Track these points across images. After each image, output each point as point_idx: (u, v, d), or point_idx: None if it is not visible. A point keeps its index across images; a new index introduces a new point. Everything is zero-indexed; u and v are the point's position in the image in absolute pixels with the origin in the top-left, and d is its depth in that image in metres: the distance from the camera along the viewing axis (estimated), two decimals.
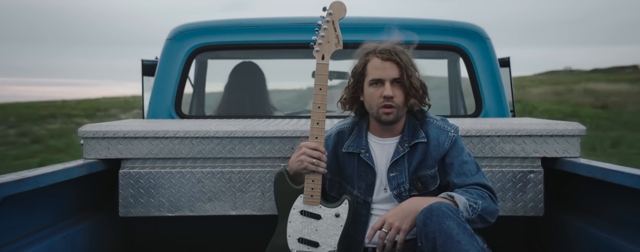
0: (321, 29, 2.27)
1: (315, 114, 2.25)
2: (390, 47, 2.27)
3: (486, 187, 2.26)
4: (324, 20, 2.27)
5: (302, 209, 2.28)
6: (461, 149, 2.32)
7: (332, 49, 2.28)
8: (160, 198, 2.63)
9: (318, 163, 2.23)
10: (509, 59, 4.04)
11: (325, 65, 2.26)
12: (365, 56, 2.29)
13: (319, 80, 2.26)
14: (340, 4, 2.26)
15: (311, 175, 2.25)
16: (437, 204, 2.03)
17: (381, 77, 2.23)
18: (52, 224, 2.43)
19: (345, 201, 2.27)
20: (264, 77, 4.02)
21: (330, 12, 2.26)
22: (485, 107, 3.39)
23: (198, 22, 3.54)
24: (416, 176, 2.30)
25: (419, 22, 3.51)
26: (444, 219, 1.97)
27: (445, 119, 2.38)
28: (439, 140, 2.30)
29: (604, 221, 2.48)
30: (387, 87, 2.22)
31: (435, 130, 2.32)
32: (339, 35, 2.27)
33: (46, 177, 2.22)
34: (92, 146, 2.62)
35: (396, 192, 2.29)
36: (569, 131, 2.62)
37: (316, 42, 2.28)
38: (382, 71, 2.23)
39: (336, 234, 2.26)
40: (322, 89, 2.25)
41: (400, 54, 2.25)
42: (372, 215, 2.35)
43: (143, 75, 4.03)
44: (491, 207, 2.20)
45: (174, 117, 3.37)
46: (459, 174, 2.27)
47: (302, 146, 2.25)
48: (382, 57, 2.24)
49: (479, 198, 2.18)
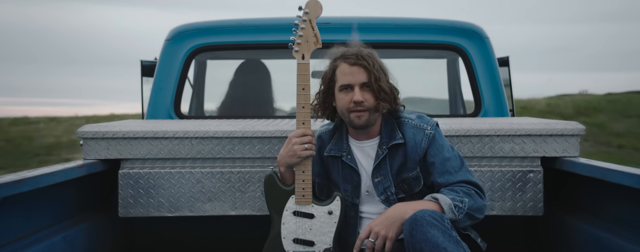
0: (299, 28, 2.27)
1: (300, 114, 2.26)
2: (357, 51, 2.26)
3: (471, 183, 2.23)
4: (300, 19, 2.27)
5: (295, 209, 2.28)
6: (441, 145, 2.28)
7: (311, 48, 2.28)
8: (159, 198, 2.62)
9: (310, 147, 2.24)
10: (508, 58, 4.04)
11: (306, 64, 2.27)
12: (333, 62, 2.28)
13: (300, 80, 2.26)
14: (315, 2, 2.27)
15: (301, 175, 2.26)
16: (421, 213, 2.02)
17: (350, 82, 2.22)
18: (51, 225, 2.43)
19: (336, 198, 2.28)
20: (270, 76, 4.01)
21: (306, 11, 2.26)
22: (484, 107, 3.39)
23: (197, 22, 3.54)
24: (400, 179, 2.29)
25: (418, 22, 3.51)
26: (428, 229, 1.96)
27: (421, 116, 2.35)
28: (415, 140, 2.27)
29: (603, 221, 2.48)
30: (356, 91, 2.21)
31: (411, 130, 2.29)
32: (317, 34, 2.28)
33: (45, 178, 2.22)
34: (92, 146, 2.62)
35: (384, 197, 2.29)
36: (569, 130, 2.62)
37: (295, 42, 2.28)
38: (350, 76, 2.22)
39: (331, 231, 2.27)
40: (304, 89, 2.26)
41: (367, 58, 2.23)
42: (360, 217, 2.35)
43: (142, 76, 4.03)
44: (478, 204, 2.18)
45: (173, 117, 3.37)
46: (442, 172, 2.24)
47: (290, 137, 2.26)
48: (349, 62, 2.23)
49: (465, 196, 2.16)
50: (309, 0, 2.27)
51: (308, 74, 2.26)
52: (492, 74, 3.42)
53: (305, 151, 2.23)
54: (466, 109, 4.09)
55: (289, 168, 2.29)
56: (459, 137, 2.62)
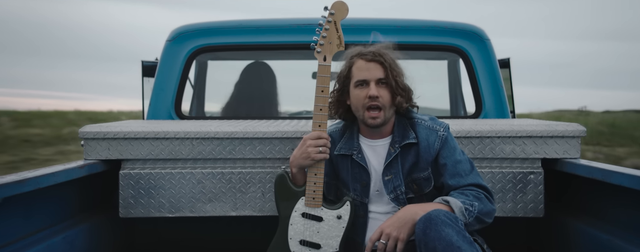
0: (322, 29, 2.25)
1: (317, 116, 2.24)
2: (374, 48, 2.27)
3: (481, 187, 2.25)
4: (325, 20, 2.25)
5: (304, 211, 2.28)
6: (453, 148, 2.30)
7: (333, 50, 2.26)
8: (160, 199, 2.62)
9: (325, 150, 2.23)
10: (509, 60, 4.04)
11: (328, 66, 2.25)
12: (350, 59, 2.28)
13: (320, 82, 2.24)
14: (342, 3, 2.24)
15: (312, 177, 2.25)
16: (436, 212, 2.02)
17: (366, 78, 2.23)
18: (52, 225, 2.43)
19: (346, 203, 2.27)
20: (275, 78, 4.02)
21: (332, 12, 2.24)
22: (485, 108, 3.39)
23: (198, 23, 3.54)
24: (411, 178, 2.29)
25: (419, 23, 3.51)
26: (443, 227, 1.96)
27: (434, 118, 2.36)
28: (428, 141, 2.28)
29: (604, 222, 2.48)
30: (372, 87, 2.21)
31: (424, 131, 2.30)
32: (341, 36, 2.25)
33: (46, 178, 2.22)
34: (93, 146, 2.62)
35: (393, 196, 2.29)
36: (569, 132, 2.62)
37: (317, 43, 2.25)
38: (366, 72, 2.23)
39: (338, 235, 2.26)
40: (324, 91, 2.24)
41: (384, 54, 2.24)
42: (369, 218, 2.34)
43: (143, 77, 4.03)
44: (487, 208, 2.20)
45: (174, 118, 3.37)
46: (453, 174, 2.25)
47: (305, 139, 2.25)
48: (366, 59, 2.24)
49: (475, 200, 2.17)
50: (335, 1, 2.24)
51: (328, 76, 2.24)
52: (493, 75, 3.42)
53: (319, 154, 2.23)
54: (467, 110, 4.08)
55: (301, 169, 2.29)
56: (459, 138, 2.61)
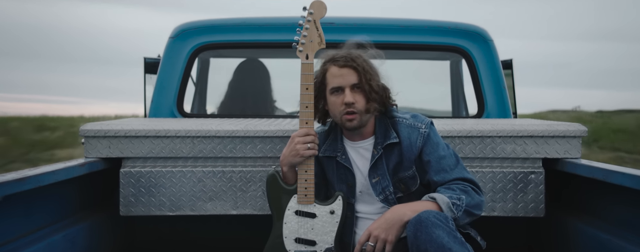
0: (303, 28, 2.28)
1: (303, 113, 2.26)
2: (346, 53, 2.27)
3: (467, 180, 2.23)
4: (305, 20, 2.28)
5: (297, 209, 2.29)
6: (436, 143, 2.28)
7: (315, 48, 2.29)
8: (161, 197, 2.63)
9: (313, 146, 2.24)
10: (511, 61, 4.03)
11: (310, 64, 2.27)
12: (323, 65, 2.29)
13: (304, 80, 2.26)
14: (320, 3, 2.28)
15: (303, 174, 2.26)
16: (426, 213, 2.02)
17: (340, 85, 2.23)
18: (52, 223, 2.44)
19: (338, 198, 2.28)
20: (268, 75, 4.02)
21: (310, 12, 2.27)
22: (487, 109, 3.39)
23: (201, 20, 3.54)
24: (397, 178, 2.29)
25: (421, 23, 3.50)
26: (433, 229, 1.96)
27: (416, 115, 2.35)
28: (410, 139, 2.28)
29: (604, 222, 2.48)
30: (347, 93, 2.21)
31: (405, 129, 2.29)
32: (322, 34, 2.29)
33: (47, 176, 2.22)
34: (93, 144, 2.63)
35: (382, 197, 2.29)
36: (570, 131, 2.61)
37: (299, 42, 2.29)
38: (340, 78, 2.23)
39: (333, 230, 2.27)
40: (308, 89, 2.26)
41: (356, 59, 2.24)
42: (357, 217, 2.35)
43: (145, 73, 4.04)
44: (475, 200, 2.18)
45: (176, 115, 3.37)
46: (438, 170, 2.24)
47: (293, 137, 2.26)
48: (338, 65, 2.24)
49: (462, 193, 2.16)
50: (313, 1, 2.28)
51: (312, 74, 2.27)
52: (495, 76, 3.41)
53: (308, 150, 2.24)
54: (469, 111, 4.08)
55: (291, 168, 2.29)
56: (461, 137, 2.61)
